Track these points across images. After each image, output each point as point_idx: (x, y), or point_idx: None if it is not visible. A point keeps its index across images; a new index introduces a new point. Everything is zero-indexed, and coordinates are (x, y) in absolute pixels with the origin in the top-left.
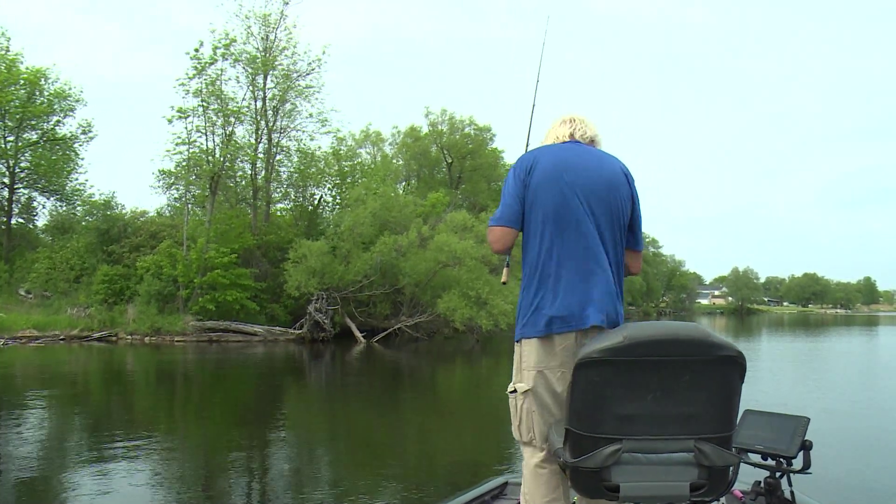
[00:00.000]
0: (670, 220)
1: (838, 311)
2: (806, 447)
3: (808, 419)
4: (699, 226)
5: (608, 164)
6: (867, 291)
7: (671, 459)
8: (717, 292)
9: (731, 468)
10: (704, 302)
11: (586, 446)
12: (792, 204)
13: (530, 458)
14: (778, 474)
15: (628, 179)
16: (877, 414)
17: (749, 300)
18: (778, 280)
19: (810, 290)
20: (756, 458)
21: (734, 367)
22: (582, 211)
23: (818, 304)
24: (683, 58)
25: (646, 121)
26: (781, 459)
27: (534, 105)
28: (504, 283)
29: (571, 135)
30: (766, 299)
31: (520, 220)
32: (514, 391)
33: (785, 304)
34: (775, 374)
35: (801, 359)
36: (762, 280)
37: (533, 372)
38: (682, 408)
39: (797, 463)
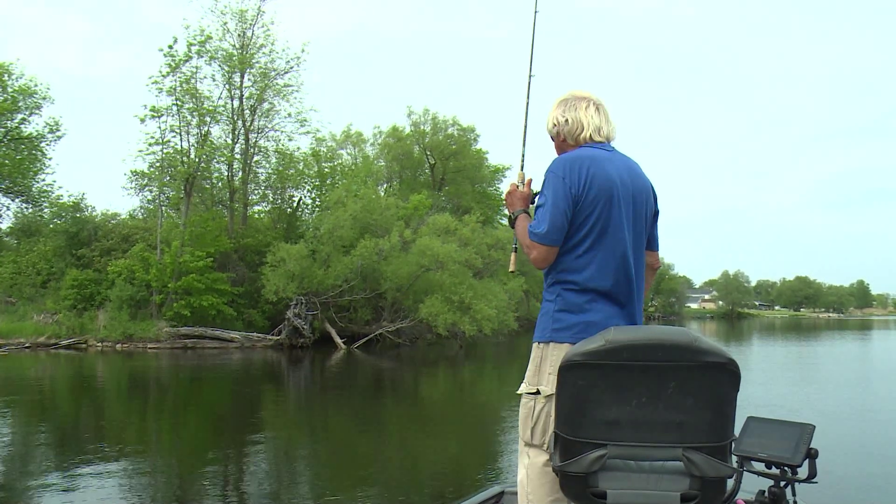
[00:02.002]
0: (659, 221)
1: (831, 314)
2: (811, 455)
3: (814, 426)
4: (688, 228)
5: (645, 182)
6: (860, 295)
7: (661, 468)
8: (707, 296)
9: (732, 478)
10: (694, 306)
11: (572, 450)
12: (783, 206)
13: (537, 458)
14: (782, 483)
15: (655, 195)
16: (880, 419)
17: (740, 304)
18: (769, 283)
19: (802, 294)
20: (760, 466)
21: (725, 374)
22: (626, 230)
23: (810, 308)
24: (672, 55)
25: (632, 119)
26: (786, 468)
27: (527, 109)
28: (512, 272)
29: (599, 129)
30: (757, 303)
31: (564, 235)
32: (537, 392)
33: (776, 307)
34: (771, 380)
35: (796, 364)
36: (753, 284)
37: None
38: (670, 415)
39: (802, 471)
